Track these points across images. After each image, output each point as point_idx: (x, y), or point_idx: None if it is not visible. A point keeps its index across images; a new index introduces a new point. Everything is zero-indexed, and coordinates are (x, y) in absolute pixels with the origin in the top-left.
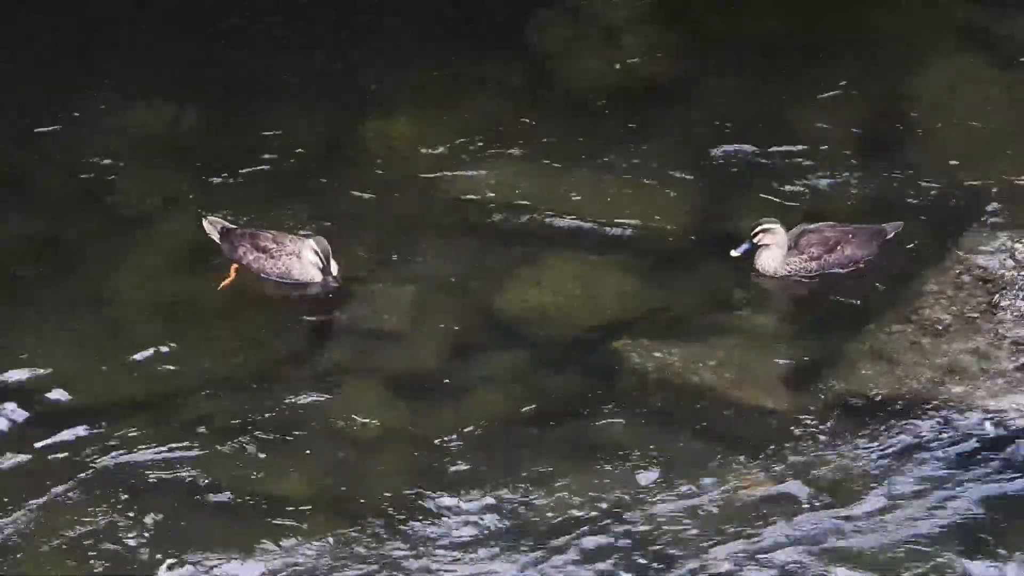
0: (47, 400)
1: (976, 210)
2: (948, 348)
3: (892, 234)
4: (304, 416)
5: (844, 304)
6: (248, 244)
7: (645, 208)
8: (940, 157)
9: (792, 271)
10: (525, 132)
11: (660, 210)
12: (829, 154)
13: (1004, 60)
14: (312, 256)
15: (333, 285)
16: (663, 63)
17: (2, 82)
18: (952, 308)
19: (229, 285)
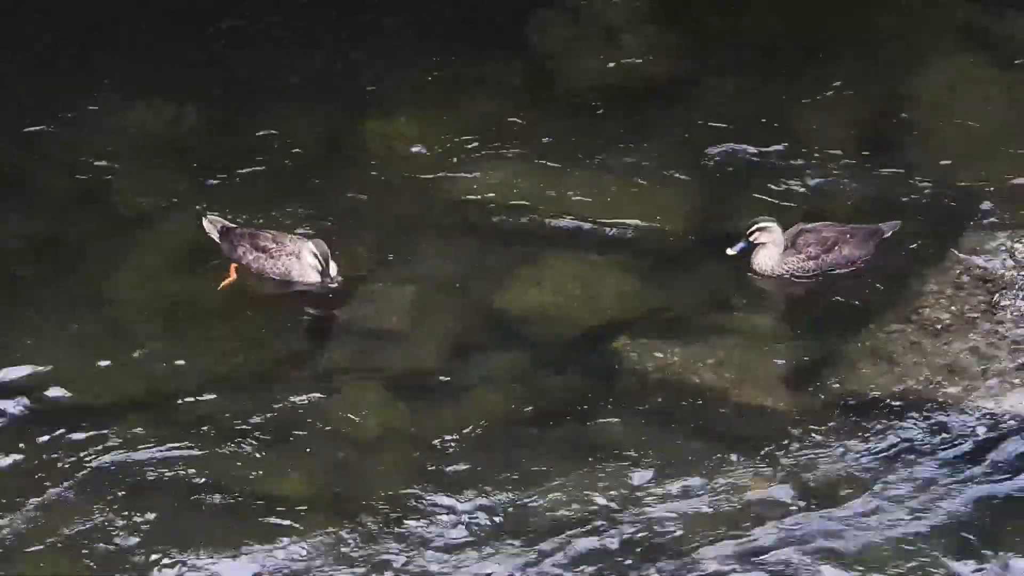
0: (47, 399)
1: (976, 210)
2: (948, 348)
3: (889, 233)
4: (304, 416)
5: (844, 304)
6: (248, 244)
7: (645, 208)
8: (940, 157)
9: (789, 271)
10: (525, 132)
11: (660, 210)
12: (829, 154)
13: (1004, 60)
14: (311, 259)
15: (332, 286)
16: (663, 63)
17: (2, 82)
18: (952, 308)
19: (229, 285)
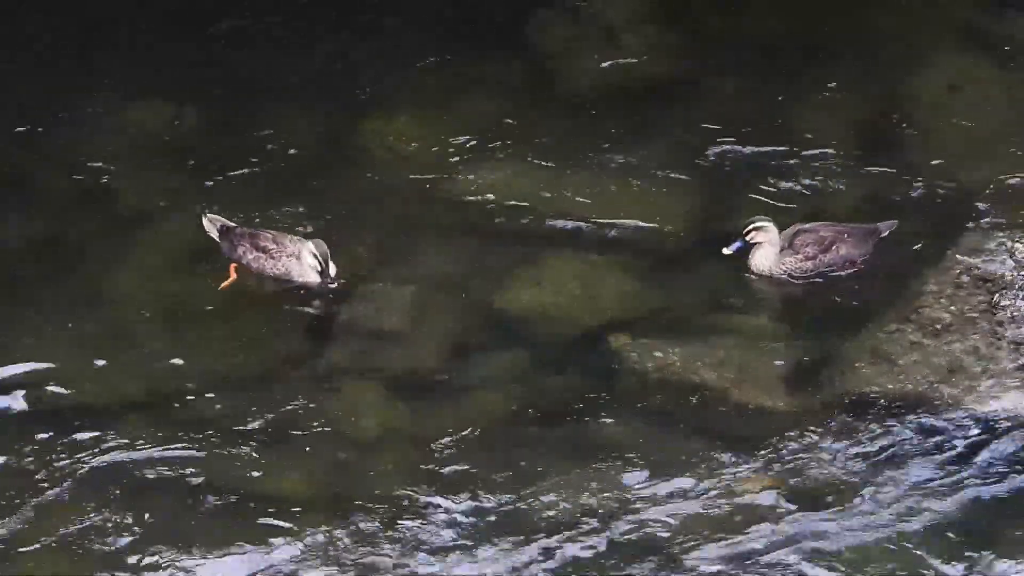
0: (47, 399)
1: (975, 210)
2: (947, 348)
3: (886, 232)
4: (304, 416)
5: (843, 304)
6: (248, 244)
7: (645, 208)
8: (939, 157)
9: (787, 271)
10: (525, 132)
11: (660, 210)
12: (829, 154)
13: (1004, 60)
14: (311, 260)
15: (331, 286)
16: (663, 63)
17: (2, 82)
18: (952, 308)
19: (229, 285)
